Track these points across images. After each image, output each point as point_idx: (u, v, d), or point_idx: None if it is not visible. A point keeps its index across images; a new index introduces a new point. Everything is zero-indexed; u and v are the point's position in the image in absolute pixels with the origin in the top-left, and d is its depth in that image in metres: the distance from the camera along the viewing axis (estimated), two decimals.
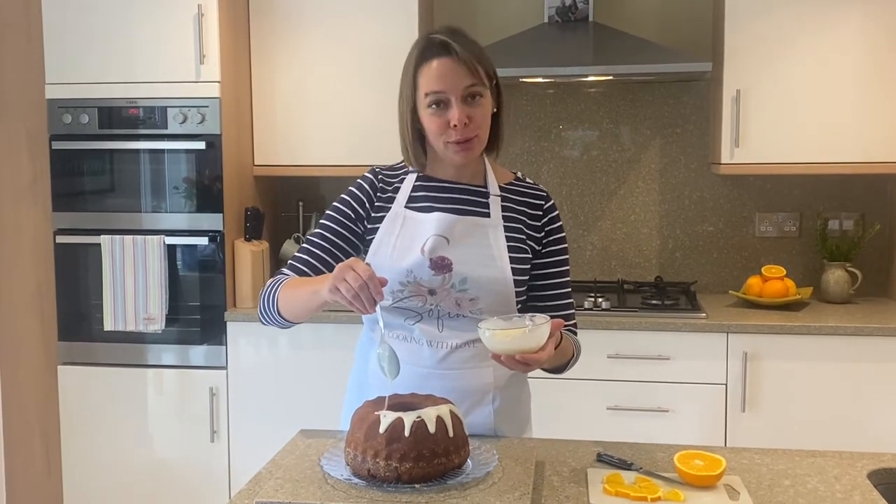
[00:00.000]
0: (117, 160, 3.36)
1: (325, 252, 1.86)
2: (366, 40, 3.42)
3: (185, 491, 3.38)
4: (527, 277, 1.86)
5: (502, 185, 1.89)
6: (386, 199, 1.87)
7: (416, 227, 1.81)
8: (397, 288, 1.78)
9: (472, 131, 1.76)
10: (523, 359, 1.58)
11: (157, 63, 3.30)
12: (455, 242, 1.79)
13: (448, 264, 1.77)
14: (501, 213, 1.84)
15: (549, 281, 1.90)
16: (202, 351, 3.37)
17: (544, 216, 1.89)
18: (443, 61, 1.73)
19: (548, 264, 1.89)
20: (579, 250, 3.77)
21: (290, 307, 1.79)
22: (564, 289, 1.91)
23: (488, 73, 1.78)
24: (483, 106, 1.77)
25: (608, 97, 3.72)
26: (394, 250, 1.80)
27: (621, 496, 1.52)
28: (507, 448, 1.70)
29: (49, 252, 3.41)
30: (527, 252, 1.85)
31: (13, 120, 3.26)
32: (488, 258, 1.79)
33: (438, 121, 1.76)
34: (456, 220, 1.81)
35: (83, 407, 3.42)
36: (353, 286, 1.54)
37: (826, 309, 3.35)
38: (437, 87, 1.73)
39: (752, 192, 3.66)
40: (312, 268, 1.85)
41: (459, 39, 1.75)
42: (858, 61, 3.24)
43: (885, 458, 1.73)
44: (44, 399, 3.43)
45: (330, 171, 3.53)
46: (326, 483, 1.50)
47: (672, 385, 3.14)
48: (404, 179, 1.88)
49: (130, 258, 3.32)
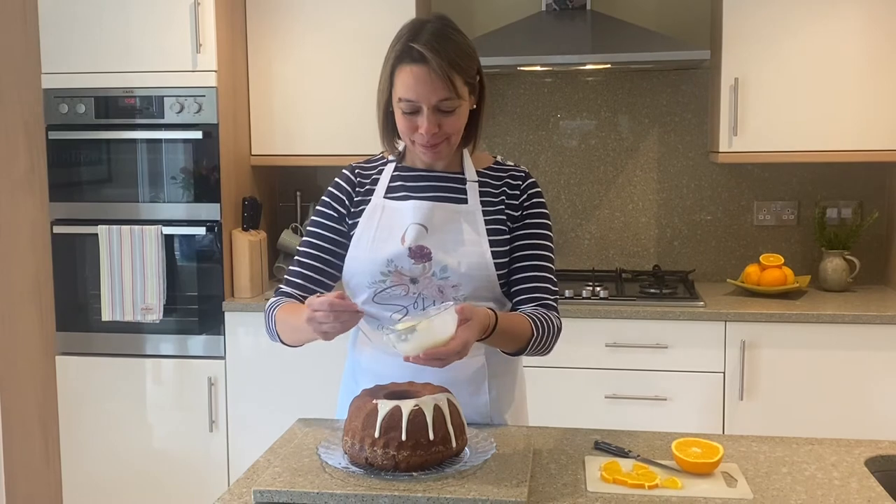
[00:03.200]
0: (114, 150, 3.36)
1: (317, 259, 1.86)
2: (362, 29, 3.41)
3: (184, 480, 3.38)
4: (507, 260, 1.83)
5: (480, 170, 1.87)
6: (365, 192, 1.87)
7: (393, 216, 1.81)
8: (379, 278, 1.78)
9: (440, 138, 1.75)
10: (432, 354, 1.50)
11: (153, 52, 3.29)
12: (434, 230, 1.78)
13: (427, 253, 1.76)
14: (480, 198, 1.83)
15: (520, 253, 1.83)
16: (200, 341, 3.37)
17: (522, 194, 1.86)
18: (419, 69, 1.69)
19: (520, 236, 1.83)
20: (577, 239, 3.77)
21: (289, 337, 1.81)
22: (537, 261, 1.83)
23: (468, 79, 1.75)
24: (456, 114, 1.75)
25: (606, 86, 3.71)
26: (373, 241, 1.80)
27: (619, 483, 1.52)
28: (505, 436, 1.70)
29: (46, 242, 3.41)
30: (506, 234, 1.83)
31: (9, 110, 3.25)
32: (468, 244, 1.78)
33: (408, 124, 1.75)
34: (433, 206, 1.80)
35: (82, 397, 3.42)
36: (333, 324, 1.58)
37: (824, 297, 3.35)
38: (409, 95, 1.71)
39: (750, 180, 3.66)
40: (308, 279, 1.86)
41: (440, 46, 1.69)
42: (857, 49, 3.23)
43: (883, 446, 1.74)
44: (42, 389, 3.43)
45: (327, 160, 3.52)
46: (324, 472, 1.50)
47: (670, 373, 3.15)
48: (382, 171, 1.88)
49: (128, 248, 3.31)
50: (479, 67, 1.80)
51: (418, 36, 1.71)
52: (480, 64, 1.80)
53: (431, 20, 1.76)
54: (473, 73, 1.77)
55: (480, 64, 1.80)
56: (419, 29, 1.73)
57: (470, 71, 1.76)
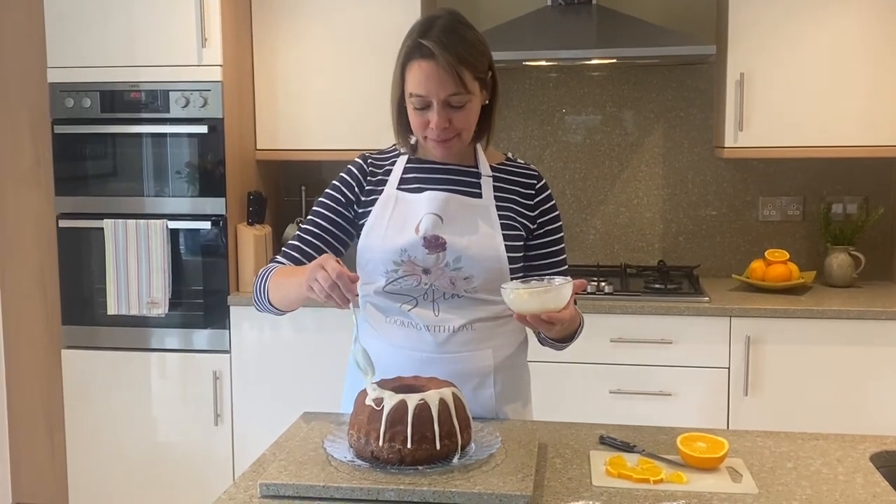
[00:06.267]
0: (119, 144, 3.36)
1: (318, 238, 1.87)
2: (368, 23, 3.41)
3: (190, 474, 3.39)
4: (520, 255, 1.87)
5: (493, 166, 1.89)
6: (377, 181, 1.87)
7: (408, 207, 1.82)
8: (391, 268, 1.79)
9: (451, 133, 1.77)
10: (549, 317, 1.60)
11: (158, 47, 3.29)
12: (448, 221, 1.79)
13: (442, 243, 1.77)
14: (493, 192, 1.85)
15: (547, 260, 1.91)
16: (205, 335, 3.38)
17: (537, 195, 1.90)
18: (428, 64, 1.71)
19: (545, 243, 1.90)
20: (582, 234, 3.77)
21: (279, 297, 1.82)
22: (563, 266, 1.93)
23: (478, 74, 1.76)
24: (467, 109, 1.76)
25: (611, 81, 3.71)
26: (387, 231, 1.80)
27: (624, 478, 1.53)
28: (510, 430, 1.71)
29: (52, 236, 3.42)
30: (519, 230, 1.86)
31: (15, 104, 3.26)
32: (482, 236, 1.79)
33: (420, 119, 1.77)
34: (448, 197, 1.81)
35: (87, 391, 3.42)
36: (323, 286, 1.58)
37: (829, 293, 3.34)
38: (419, 90, 1.73)
39: (755, 175, 3.65)
40: (305, 254, 1.86)
41: (448, 41, 1.71)
42: (862, 44, 3.22)
43: (888, 441, 1.74)
44: (47, 382, 3.44)
45: (332, 155, 3.51)
46: (330, 465, 1.51)
47: (675, 369, 3.15)
48: (395, 162, 1.89)
49: (133, 242, 3.32)
50: (490, 63, 1.80)
51: (428, 32, 1.73)
52: (493, 59, 1.81)
53: (442, 16, 1.77)
54: (484, 68, 1.78)
55: (493, 59, 1.81)
56: (430, 25, 1.74)
57: (480, 66, 1.76)
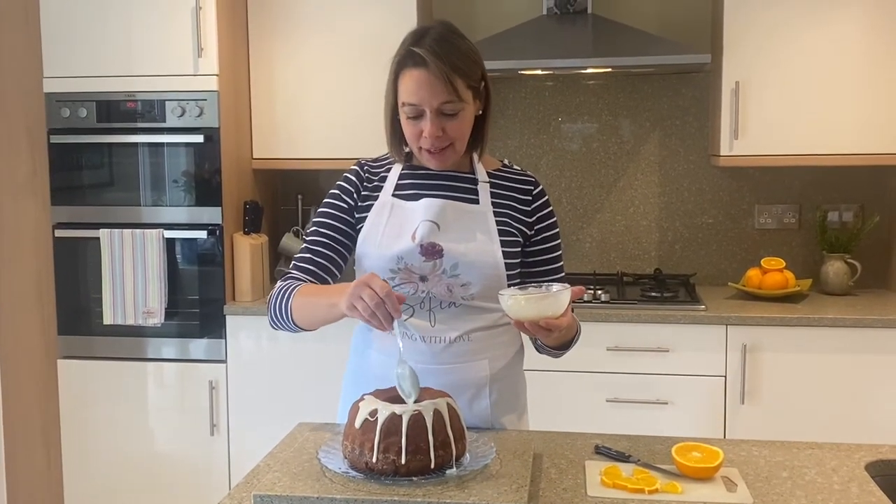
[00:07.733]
0: (116, 154, 3.36)
1: (327, 248, 1.86)
2: (364, 32, 3.42)
3: (185, 484, 3.38)
4: (517, 261, 1.87)
5: (490, 172, 1.90)
6: (372, 188, 1.87)
7: (404, 214, 1.82)
8: (388, 276, 1.78)
9: (444, 142, 1.77)
10: (547, 324, 1.59)
11: (154, 56, 3.29)
12: (445, 228, 1.79)
13: (439, 250, 1.77)
14: (490, 199, 1.85)
15: (545, 267, 1.91)
16: (202, 344, 3.37)
17: (534, 201, 1.90)
18: (420, 73, 1.72)
19: (542, 250, 1.90)
20: (578, 242, 3.77)
21: (303, 316, 1.77)
22: (560, 273, 1.92)
23: (471, 83, 1.76)
24: (460, 118, 1.76)
25: (607, 89, 3.71)
26: (383, 238, 1.80)
27: (619, 488, 1.52)
28: (505, 440, 1.70)
29: (48, 246, 3.41)
30: (517, 237, 1.86)
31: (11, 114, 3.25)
32: (480, 243, 1.79)
33: (413, 129, 1.77)
34: (445, 204, 1.81)
35: (83, 401, 3.42)
36: (369, 304, 1.54)
37: (825, 301, 3.34)
38: (412, 99, 1.73)
39: (751, 183, 3.66)
40: (320, 266, 1.85)
41: (441, 50, 1.71)
42: (857, 52, 3.23)
43: (883, 450, 1.74)
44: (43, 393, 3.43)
45: (329, 163, 3.52)
46: (324, 476, 1.50)
47: (671, 377, 3.14)
48: (391, 169, 1.89)
49: (129, 252, 3.32)
50: (483, 73, 1.81)
51: (420, 41, 1.74)
52: (485, 69, 1.81)
53: (435, 26, 1.78)
54: (477, 77, 1.78)
55: (485, 69, 1.81)
56: (422, 34, 1.75)
57: (473, 75, 1.77)
